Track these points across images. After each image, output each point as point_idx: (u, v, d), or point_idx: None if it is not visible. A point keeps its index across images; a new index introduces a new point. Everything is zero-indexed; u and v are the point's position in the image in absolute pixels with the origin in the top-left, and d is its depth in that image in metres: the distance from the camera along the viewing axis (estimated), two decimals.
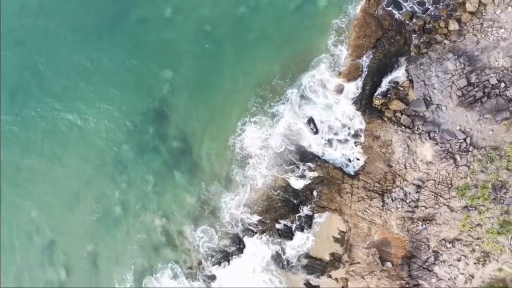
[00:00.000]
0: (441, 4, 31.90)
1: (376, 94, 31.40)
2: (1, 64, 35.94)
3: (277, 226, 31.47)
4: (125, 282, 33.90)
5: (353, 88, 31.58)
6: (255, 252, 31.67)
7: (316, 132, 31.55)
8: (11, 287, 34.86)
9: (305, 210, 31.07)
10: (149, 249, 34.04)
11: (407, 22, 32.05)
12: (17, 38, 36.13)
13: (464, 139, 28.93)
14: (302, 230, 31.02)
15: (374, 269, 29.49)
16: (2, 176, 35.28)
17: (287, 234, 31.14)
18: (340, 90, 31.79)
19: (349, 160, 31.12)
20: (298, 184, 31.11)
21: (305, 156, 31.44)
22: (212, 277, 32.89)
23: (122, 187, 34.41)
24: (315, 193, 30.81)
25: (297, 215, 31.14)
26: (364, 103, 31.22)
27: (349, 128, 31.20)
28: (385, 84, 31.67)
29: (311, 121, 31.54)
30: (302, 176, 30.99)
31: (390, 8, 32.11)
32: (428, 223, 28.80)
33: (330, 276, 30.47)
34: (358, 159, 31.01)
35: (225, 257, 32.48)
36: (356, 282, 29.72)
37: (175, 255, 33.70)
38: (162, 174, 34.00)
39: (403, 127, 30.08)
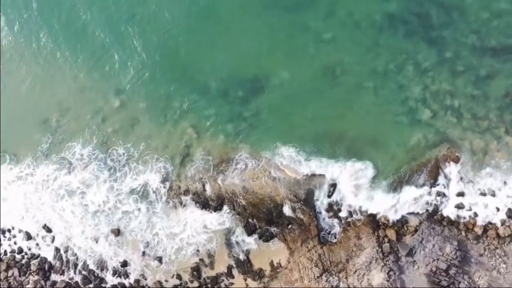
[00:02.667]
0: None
1: None
2: None
3: (250, 220, 38.27)
4: (135, 146, 40.56)
5: (381, 196, 37.11)
6: (221, 219, 38.29)
7: (329, 197, 37.73)
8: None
9: (273, 230, 37.32)
10: (170, 144, 40.27)
11: None
12: None
13: None
14: (259, 238, 37.44)
15: None
16: None
17: (249, 230, 37.57)
18: (363, 183, 37.29)
19: (329, 232, 37.21)
20: (286, 211, 37.26)
21: (308, 201, 37.25)
22: (182, 205, 39.19)
23: (190, 97, 40.78)
24: (289, 226, 36.99)
25: (266, 227, 37.44)
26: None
27: (350, 214, 37.00)
28: (401, 216, 37.05)
29: (334, 186, 37.73)
30: (294, 210, 37.20)
31: None
32: None
33: (245, 279, 37.18)
34: (334, 237, 37.12)
35: (203, 203, 38.94)
36: None
37: (179, 168, 39.79)
38: (224, 114, 39.97)
39: (380, 249, 35.72)
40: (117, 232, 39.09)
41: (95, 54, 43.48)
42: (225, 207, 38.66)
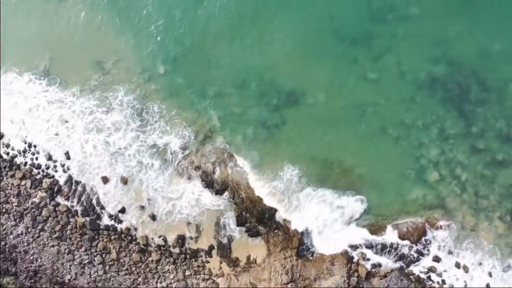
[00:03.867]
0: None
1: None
2: None
3: (243, 213, 41.23)
4: (169, 109, 43.68)
5: (363, 235, 39.71)
6: (217, 202, 41.36)
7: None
8: None
9: (261, 228, 40.27)
10: (197, 121, 43.10)
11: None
12: None
13: None
14: (246, 231, 40.43)
15: None
16: None
17: (239, 221, 40.55)
18: (352, 218, 39.90)
19: (308, 249, 39.88)
20: (278, 217, 40.26)
21: None
22: (189, 177, 42.27)
23: (226, 89, 43.58)
24: (276, 231, 39.92)
25: (256, 224, 40.33)
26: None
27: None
28: (377, 258, 39.52)
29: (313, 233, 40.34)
30: (284, 218, 40.25)
31: None
32: None
33: (221, 262, 40.23)
34: (311, 255, 39.85)
35: (208, 183, 41.89)
36: (223, 281, 39.85)
37: (199, 144, 42.68)
38: (250, 116, 42.66)
39: (347, 281, 38.24)
40: (125, 180, 42.60)
41: (153, 21, 46.51)
42: (226, 193, 41.69)
